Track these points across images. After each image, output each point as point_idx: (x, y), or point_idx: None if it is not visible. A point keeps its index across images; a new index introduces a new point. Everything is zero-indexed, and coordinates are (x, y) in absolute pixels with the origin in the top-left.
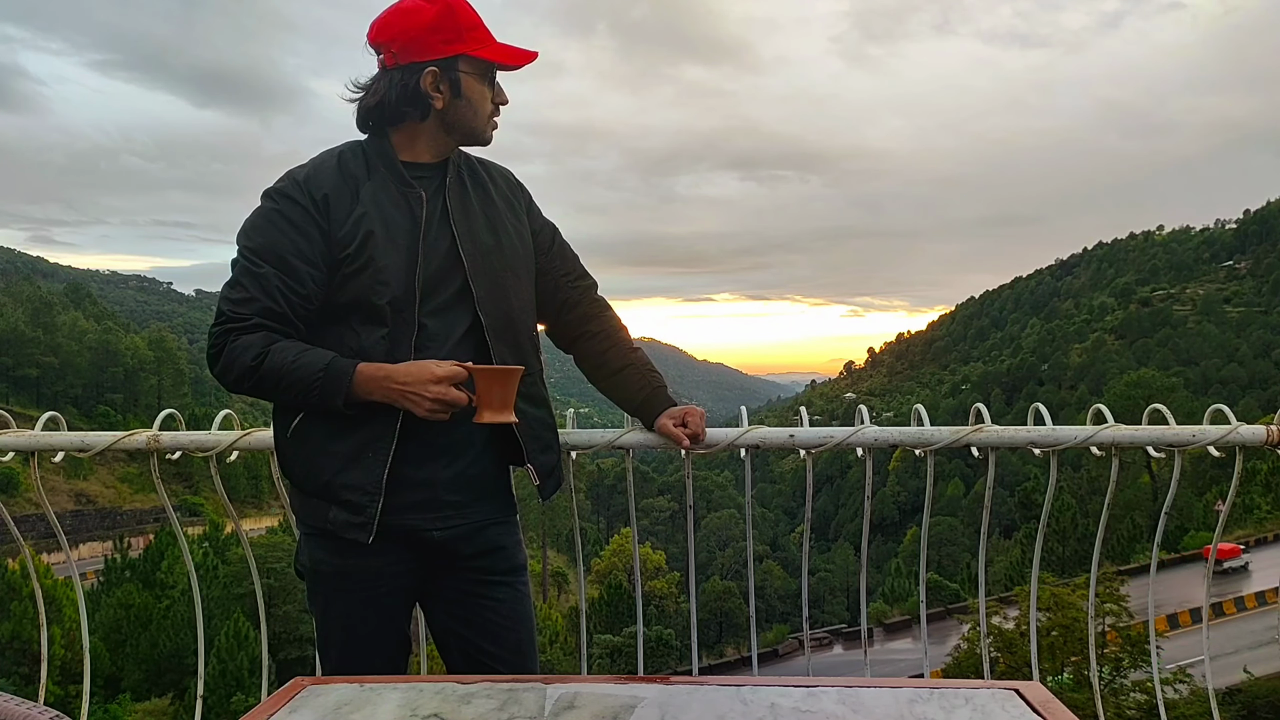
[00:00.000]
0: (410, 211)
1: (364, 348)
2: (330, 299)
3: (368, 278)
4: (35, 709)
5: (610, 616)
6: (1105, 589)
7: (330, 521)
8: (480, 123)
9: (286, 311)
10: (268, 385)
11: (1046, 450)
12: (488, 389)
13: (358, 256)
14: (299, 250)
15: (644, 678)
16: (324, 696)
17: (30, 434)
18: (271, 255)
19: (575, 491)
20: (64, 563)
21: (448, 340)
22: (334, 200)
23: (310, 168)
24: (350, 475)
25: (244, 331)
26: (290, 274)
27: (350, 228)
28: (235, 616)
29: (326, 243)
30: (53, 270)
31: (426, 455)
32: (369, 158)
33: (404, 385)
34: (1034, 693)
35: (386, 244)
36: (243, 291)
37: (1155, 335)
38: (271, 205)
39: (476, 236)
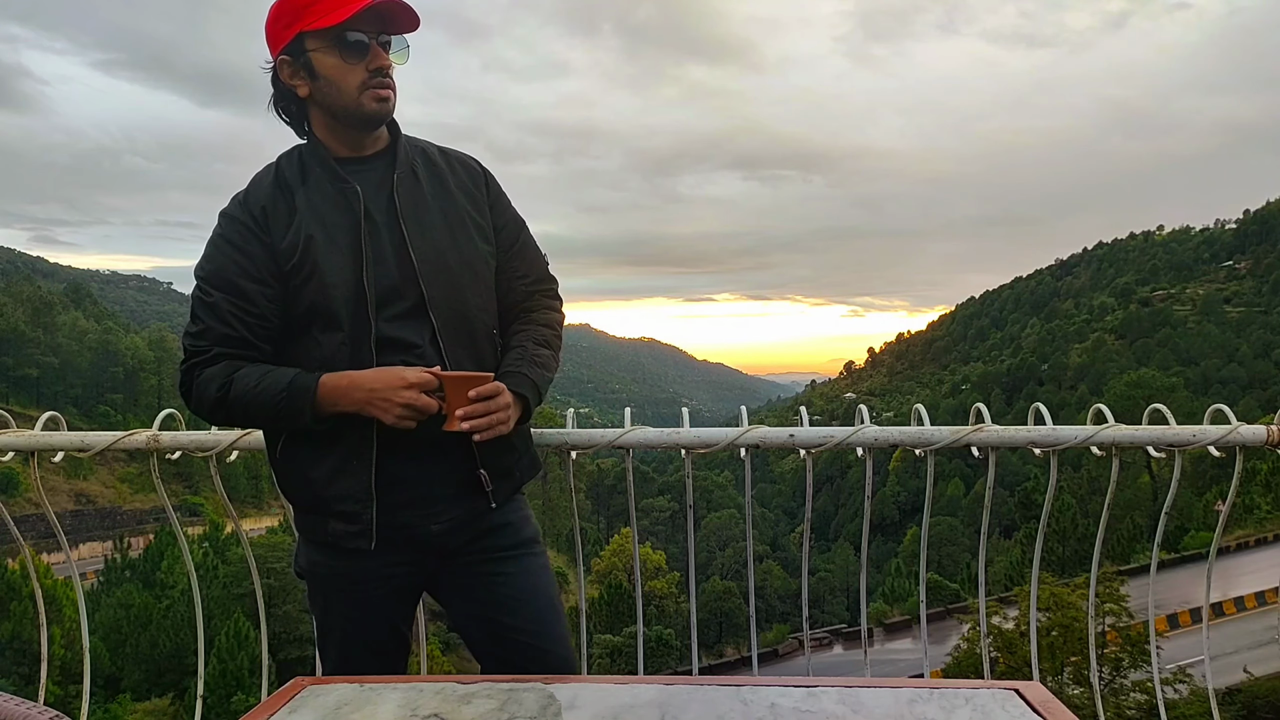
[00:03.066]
0: (349, 209)
1: (326, 357)
2: (289, 312)
3: (315, 284)
4: (35, 709)
5: (610, 616)
6: (1105, 589)
7: (330, 534)
8: (349, 98)
9: (245, 335)
10: (237, 413)
11: (1047, 450)
12: (456, 396)
13: (302, 265)
14: (244, 270)
15: (644, 678)
16: (324, 696)
17: (30, 434)
18: (220, 280)
19: (575, 491)
20: (64, 563)
21: (411, 348)
22: (271, 212)
23: (250, 185)
24: (340, 486)
25: (206, 364)
26: (240, 296)
27: (291, 237)
28: (235, 616)
29: (272, 257)
30: (53, 270)
31: (414, 452)
32: (305, 161)
33: (371, 391)
34: (1034, 693)
35: (328, 247)
36: (199, 324)
37: (1155, 335)
38: (218, 230)
39: (429, 232)
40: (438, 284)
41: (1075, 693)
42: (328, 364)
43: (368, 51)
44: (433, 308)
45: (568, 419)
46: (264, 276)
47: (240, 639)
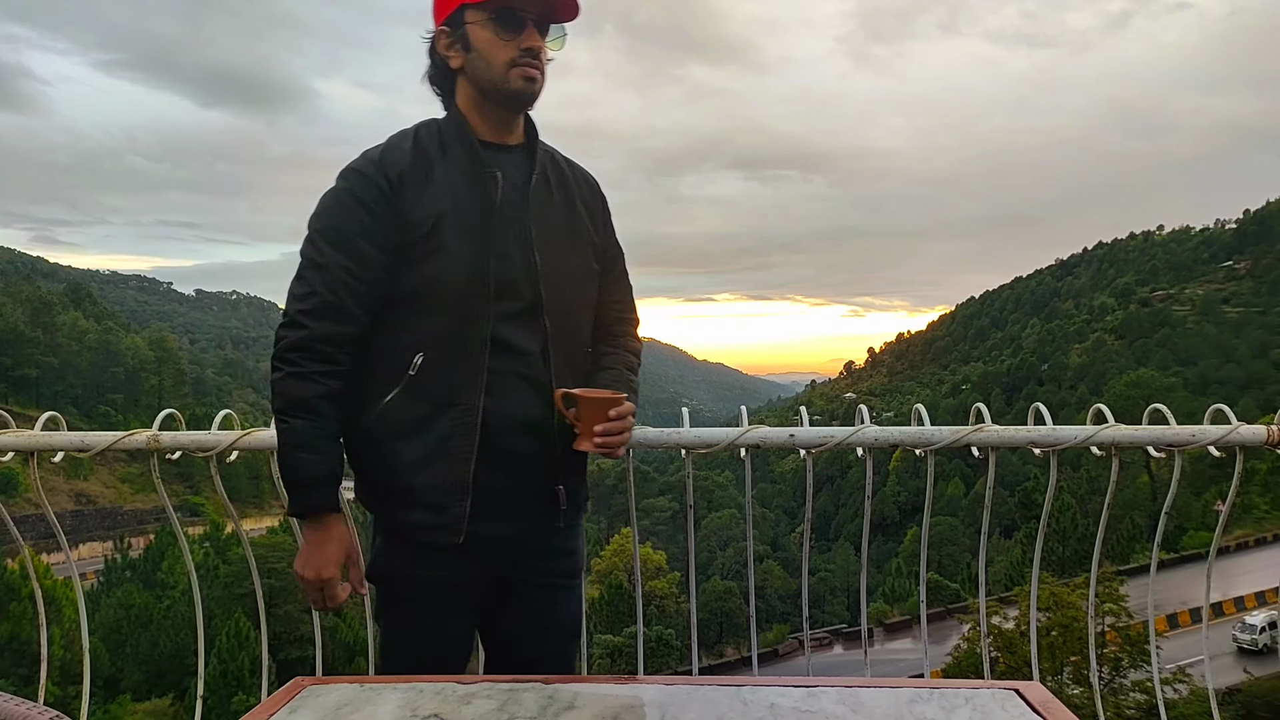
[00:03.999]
0: (484, 193)
1: (422, 343)
2: (397, 285)
3: (435, 263)
4: (35, 709)
5: (611, 616)
6: (1105, 589)
7: (409, 524)
8: (497, 74)
9: (349, 304)
10: (280, 431)
11: (1046, 450)
12: (593, 416)
13: (428, 240)
14: (367, 232)
15: (644, 678)
16: (324, 696)
17: (30, 434)
18: (338, 237)
19: None
20: (64, 563)
21: (521, 354)
22: (408, 178)
23: (385, 145)
24: (431, 474)
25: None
26: (356, 258)
27: (423, 209)
28: (236, 617)
29: (397, 225)
30: (52, 270)
31: (508, 455)
32: (444, 135)
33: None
34: (1034, 693)
35: (458, 227)
36: (306, 287)
37: (1155, 335)
38: (344, 185)
39: (553, 238)
40: (555, 291)
41: (1075, 693)
42: (426, 349)
43: (522, 29)
44: (547, 314)
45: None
46: (384, 243)
47: (241, 639)
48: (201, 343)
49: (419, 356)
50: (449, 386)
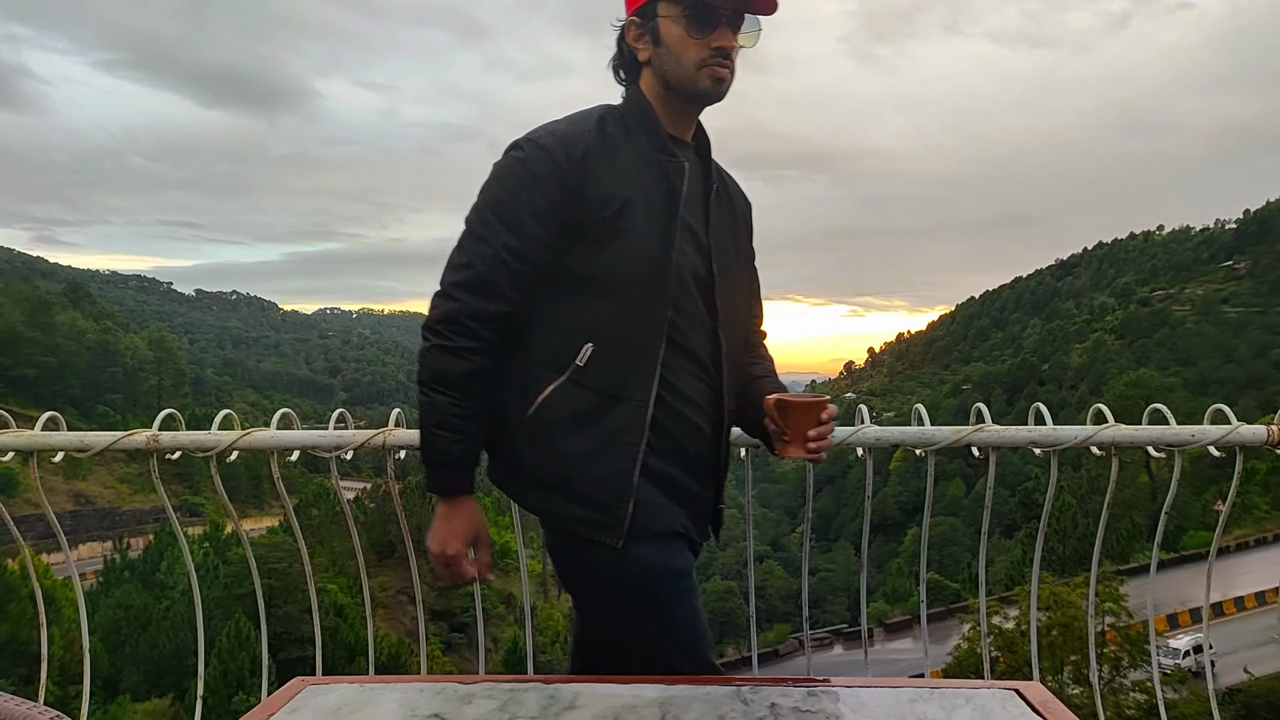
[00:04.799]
0: (668, 183)
1: (597, 330)
2: (570, 268)
3: (620, 247)
4: (35, 709)
5: None
6: (1105, 589)
7: (568, 518)
8: (685, 72)
9: (502, 281)
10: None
11: (1047, 450)
12: (803, 421)
13: (613, 224)
14: (535, 210)
15: (645, 678)
16: (324, 697)
17: (30, 434)
18: (505, 212)
19: None
20: (63, 563)
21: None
22: (593, 158)
23: (569, 122)
24: (595, 470)
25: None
26: (520, 235)
27: (608, 190)
28: (236, 617)
29: (574, 205)
30: (52, 270)
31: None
32: (627, 121)
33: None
34: (1034, 693)
35: (643, 214)
36: (462, 256)
37: (1155, 335)
38: (518, 155)
39: (725, 246)
40: (727, 300)
41: (1075, 692)
42: (597, 338)
43: (715, 27)
44: (721, 324)
45: None
46: (552, 222)
47: (241, 639)
48: (201, 343)
49: (589, 346)
50: (619, 380)
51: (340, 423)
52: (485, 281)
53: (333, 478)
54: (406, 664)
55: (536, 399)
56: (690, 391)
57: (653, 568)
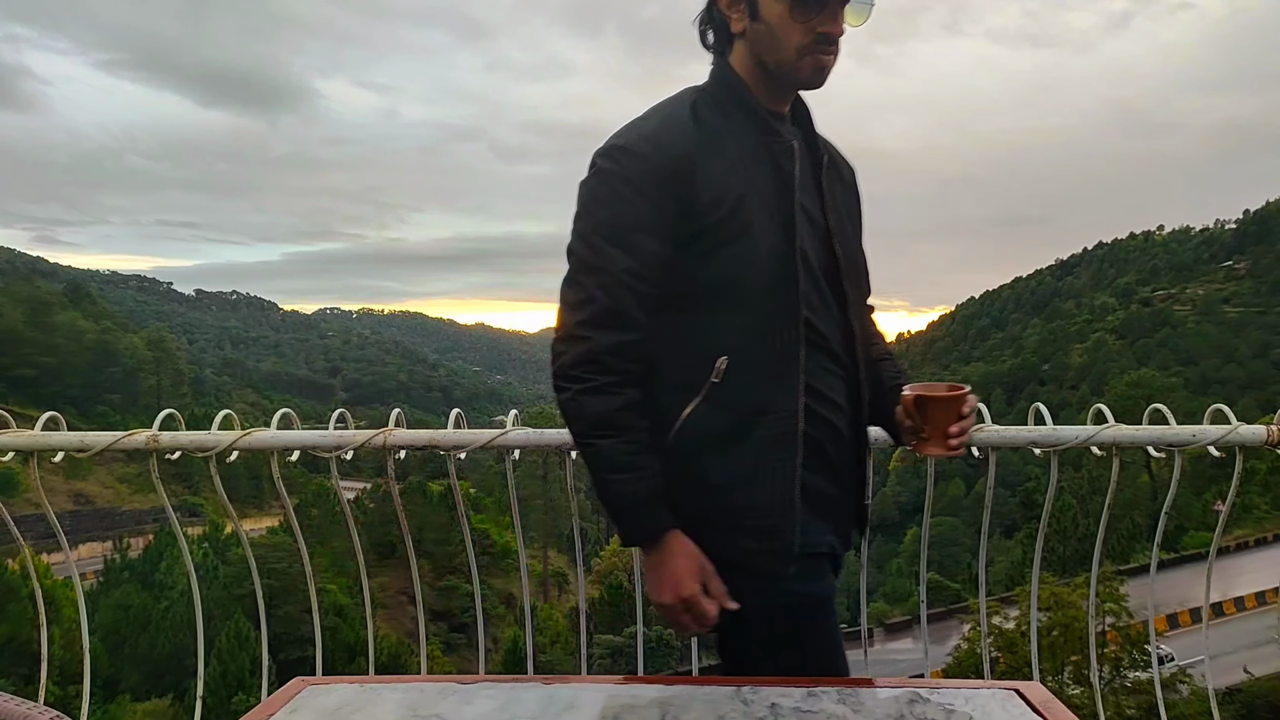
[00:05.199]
0: (778, 167)
1: (729, 342)
2: (690, 279)
3: (739, 250)
4: (35, 709)
5: (611, 617)
6: (1105, 589)
7: (733, 550)
8: (784, 55)
9: (631, 308)
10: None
11: (1047, 450)
12: (945, 418)
13: (729, 224)
14: (648, 224)
15: (644, 678)
16: (324, 697)
17: (30, 434)
18: (615, 233)
19: (575, 492)
20: (63, 563)
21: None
22: (696, 157)
23: (659, 120)
24: (753, 494)
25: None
26: (637, 255)
27: (719, 189)
28: (235, 617)
29: (684, 212)
30: (52, 270)
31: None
32: (720, 102)
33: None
34: (1034, 693)
35: (759, 208)
36: (580, 292)
37: (1155, 335)
38: (613, 168)
39: (844, 225)
40: (853, 283)
41: (1075, 693)
42: (731, 351)
43: (822, 9)
44: (851, 311)
45: None
46: (667, 235)
47: (240, 639)
48: (201, 343)
49: (722, 360)
50: (762, 392)
51: (340, 423)
52: (613, 312)
53: (333, 478)
54: (406, 664)
55: (674, 425)
56: (832, 393)
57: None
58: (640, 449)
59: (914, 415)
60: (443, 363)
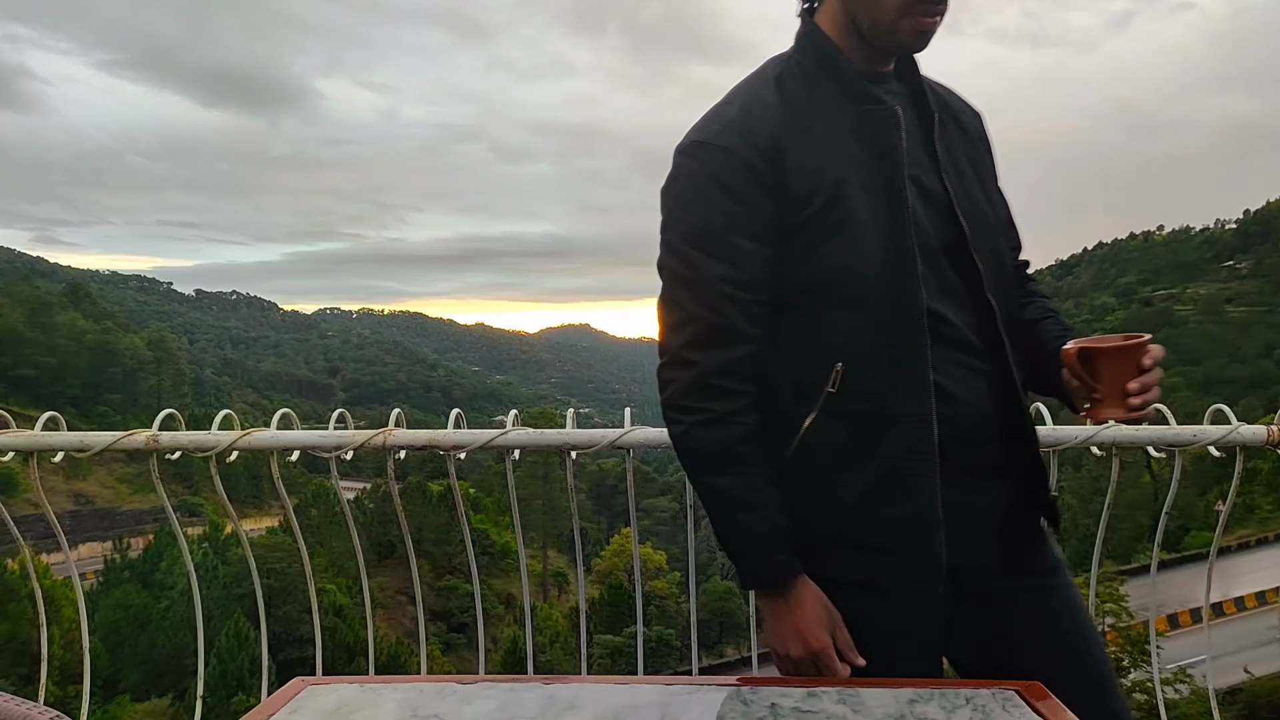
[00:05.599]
0: (876, 139)
1: (843, 344)
2: (793, 280)
3: (842, 242)
4: (35, 709)
5: (611, 617)
6: (1105, 589)
7: (869, 571)
8: (882, 16)
9: (736, 321)
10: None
11: (1047, 450)
12: (1119, 373)
13: (826, 214)
14: (741, 225)
15: (644, 678)
16: (324, 697)
17: (30, 434)
18: (707, 240)
19: (576, 492)
20: (63, 563)
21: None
22: (783, 141)
23: (741, 104)
24: (888, 509)
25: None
26: (734, 262)
27: (811, 176)
28: (235, 617)
29: (779, 206)
30: (52, 270)
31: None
32: (809, 72)
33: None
34: (1034, 693)
35: (862, 192)
36: (678, 311)
37: (1157, 335)
38: (697, 167)
39: (970, 189)
40: (986, 253)
41: None
42: (846, 354)
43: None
44: (989, 285)
45: (567, 419)
46: (765, 234)
47: (240, 639)
48: (201, 343)
49: (838, 365)
50: (886, 395)
51: (340, 423)
52: (717, 328)
53: (333, 478)
54: (406, 664)
55: (793, 441)
56: (968, 388)
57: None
58: (763, 484)
59: (1081, 374)
60: (442, 363)
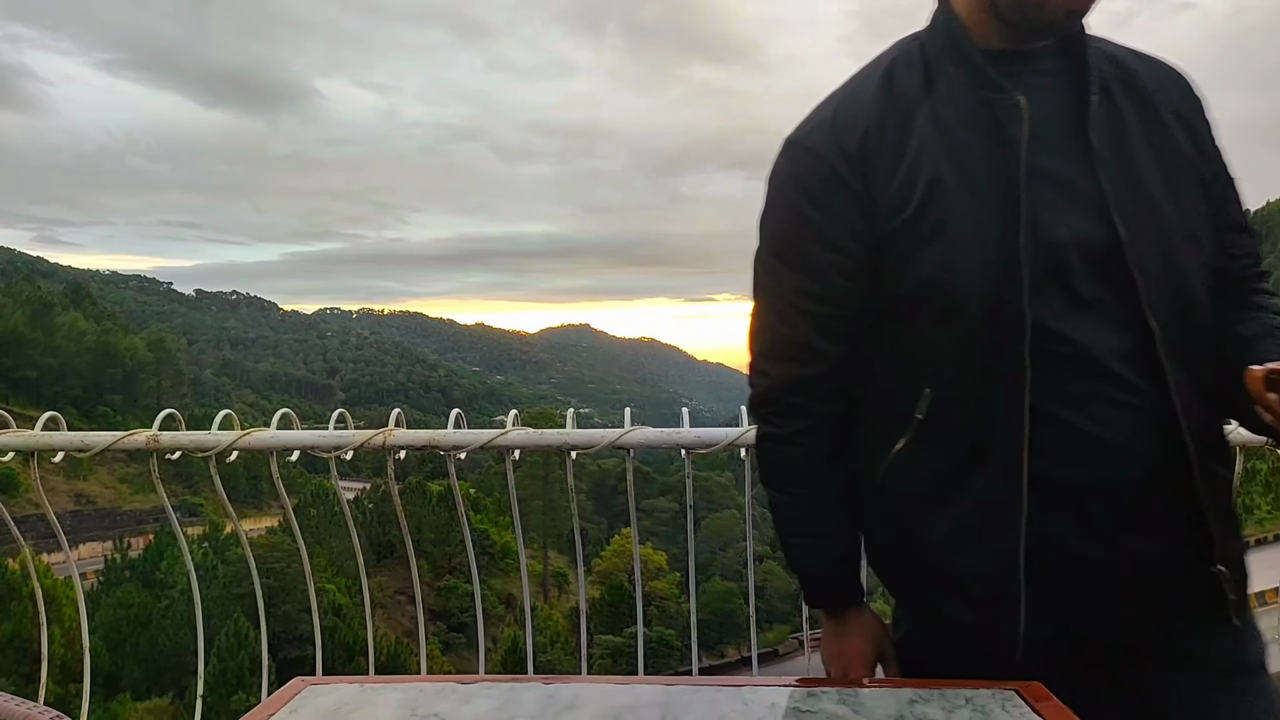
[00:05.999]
0: (998, 132)
1: (932, 369)
2: (883, 292)
3: (937, 250)
4: (35, 709)
5: (611, 617)
6: None
7: (944, 616)
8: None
9: (809, 336)
10: (777, 515)
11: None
12: None
13: (919, 221)
14: (823, 232)
15: (645, 678)
16: (324, 697)
17: (30, 434)
18: (786, 247)
19: (576, 492)
20: (64, 563)
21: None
22: (876, 139)
23: (841, 98)
24: (966, 557)
25: (769, 414)
26: (811, 273)
27: (904, 176)
28: (235, 616)
29: (867, 214)
30: (52, 270)
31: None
32: (928, 57)
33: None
34: (1034, 692)
35: (964, 192)
36: (757, 319)
37: None
38: (786, 168)
39: (1139, 184)
40: (1154, 263)
41: None
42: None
43: None
44: (1149, 302)
45: (567, 419)
46: (848, 243)
47: (240, 639)
48: (200, 343)
49: (926, 391)
50: (979, 427)
51: (340, 423)
52: (788, 342)
53: (333, 478)
54: (406, 664)
55: (879, 472)
56: (1102, 422)
57: None
58: (823, 509)
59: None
60: (442, 363)
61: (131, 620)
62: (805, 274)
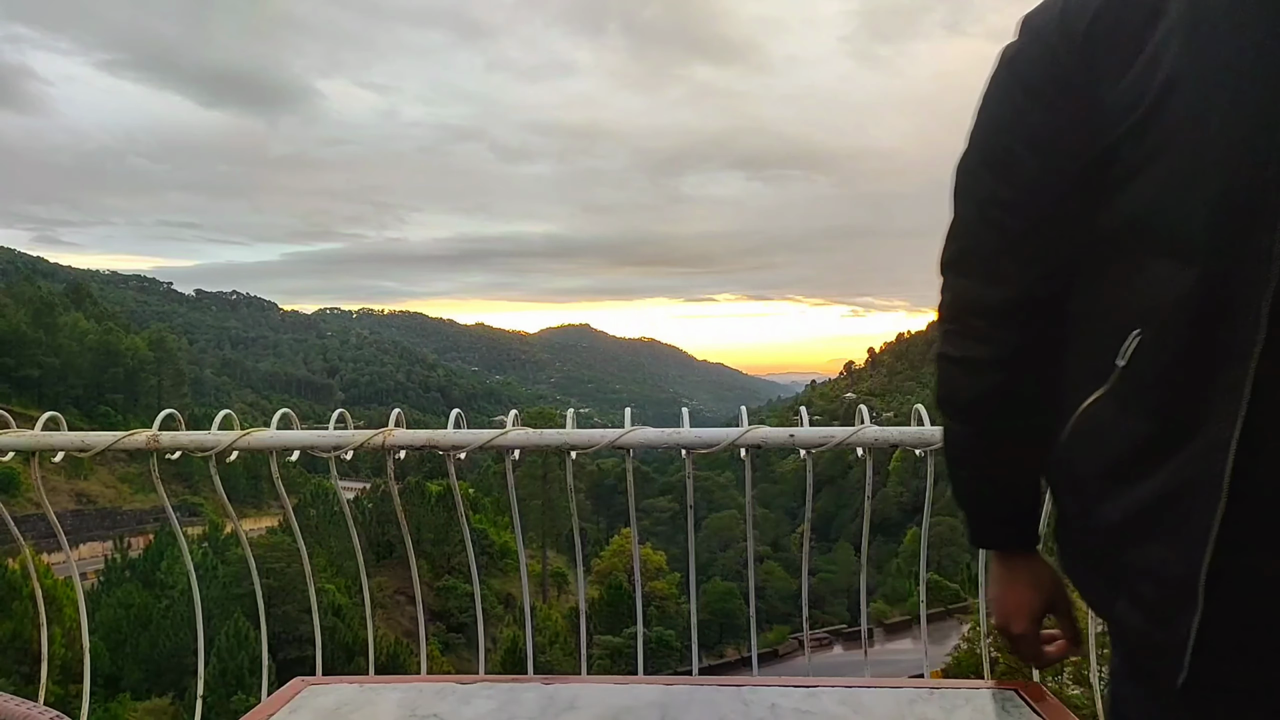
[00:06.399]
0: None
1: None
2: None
3: (1164, 171)
4: (35, 709)
5: (611, 617)
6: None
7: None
8: None
9: (994, 252)
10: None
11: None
12: None
13: (1145, 131)
14: (1031, 133)
15: (644, 678)
16: (324, 697)
17: (30, 434)
18: (989, 147)
19: (575, 492)
20: (64, 563)
21: None
22: (1108, 29)
23: None
24: (1145, 549)
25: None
26: (1008, 179)
27: (1139, 74)
28: (235, 616)
29: (1089, 114)
30: (52, 270)
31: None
32: None
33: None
34: (1034, 692)
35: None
36: (952, 223)
37: None
38: (1012, 52)
39: None
40: None
41: (1075, 693)
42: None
43: None
44: None
45: (567, 419)
46: (1061, 147)
47: (240, 639)
48: (200, 343)
49: (1134, 336)
50: (1185, 396)
51: (340, 423)
52: (973, 255)
53: (332, 478)
54: (405, 664)
55: (1069, 419)
56: None
57: None
58: (990, 446)
59: None
60: (442, 363)
61: (131, 620)
62: (1004, 179)
